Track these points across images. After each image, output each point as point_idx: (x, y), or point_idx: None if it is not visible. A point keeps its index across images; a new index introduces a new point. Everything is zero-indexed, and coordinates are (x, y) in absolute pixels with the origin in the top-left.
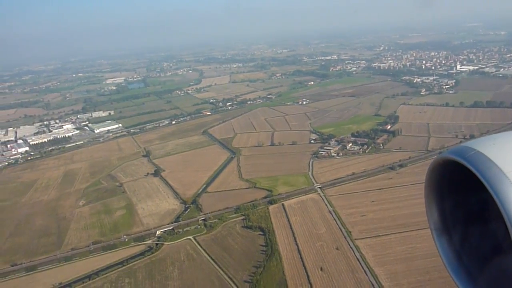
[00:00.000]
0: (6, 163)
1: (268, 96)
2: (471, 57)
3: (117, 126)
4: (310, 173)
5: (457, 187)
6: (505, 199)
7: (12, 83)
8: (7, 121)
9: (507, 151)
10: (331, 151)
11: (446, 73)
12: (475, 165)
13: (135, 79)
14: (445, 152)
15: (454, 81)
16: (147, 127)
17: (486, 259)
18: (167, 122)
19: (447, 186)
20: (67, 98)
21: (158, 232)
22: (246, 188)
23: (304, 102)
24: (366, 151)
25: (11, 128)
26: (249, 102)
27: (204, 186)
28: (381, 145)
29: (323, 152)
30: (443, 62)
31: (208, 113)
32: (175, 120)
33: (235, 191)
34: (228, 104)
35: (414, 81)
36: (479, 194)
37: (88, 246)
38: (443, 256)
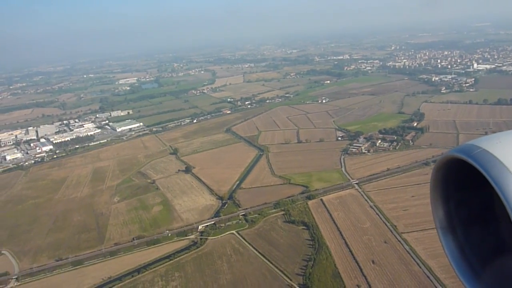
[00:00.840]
0: (33, 161)
1: (286, 95)
2: (486, 56)
3: (138, 125)
4: (343, 169)
5: (462, 185)
6: (511, 197)
7: (24, 84)
8: (26, 121)
9: None
10: (361, 147)
11: (463, 71)
12: (480, 163)
13: (147, 79)
14: (450, 150)
15: (473, 79)
16: (169, 125)
17: (491, 257)
18: (188, 120)
19: (453, 184)
20: (82, 98)
21: (200, 227)
22: (281, 184)
23: (324, 101)
24: (396, 148)
25: (31, 128)
26: (268, 101)
27: (238, 182)
28: (410, 141)
29: (353, 149)
30: (459, 61)
31: (228, 112)
32: (196, 118)
33: (269, 187)
34: (246, 103)
35: (433, 80)
36: (485, 192)
37: (131, 241)
38: (449, 255)
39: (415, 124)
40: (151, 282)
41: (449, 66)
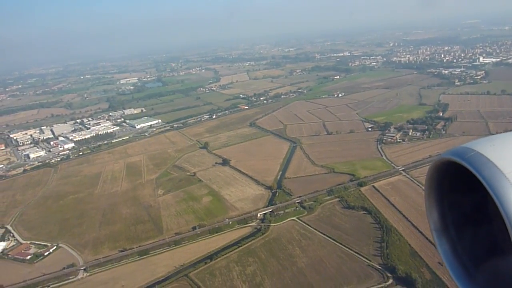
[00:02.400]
0: (59, 158)
1: (299, 91)
2: (488, 50)
3: (156, 121)
4: (384, 157)
5: (457, 188)
6: (505, 199)
7: (20, 86)
8: (35, 121)
9: (507, 152)
10: (395, 137)
11: (470, 65)
12: (474, 166)
13: (148, 78)
14: (445, 153)
15: (483, 72)
16: (189, 121)
17: (484, 258)
18: (207, 116)
19: (447, 186)
20: (87, 98)
21: (259, 215)
22: (325, 173)
23: (340, 95)
24: (430, 137)
25: (44, 127)
26: (282, 96)
27: (281, 173)
28: (442, 130)
29: (388, 139)
30: (462, 55)
31: (245, 107)
32: (215, 114)
33: (315, 176)
34: (262, 98)
35: (443, 73)
36: (479, 195)
37: (192, 230)
38: (443, 256)
39: (441, 114)
40: (227, 267)
41: (454, 60)
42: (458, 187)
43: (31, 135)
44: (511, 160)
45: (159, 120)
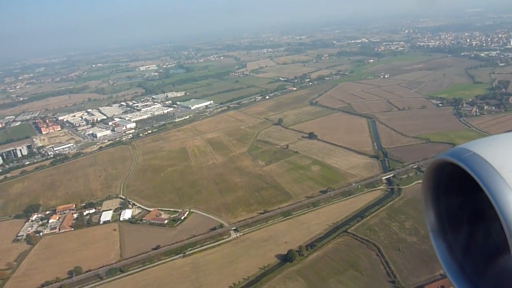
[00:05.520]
0: (129, 137)
1: (340, 73)
2: (511, 35)
3: (209, 102)
4: (473, 128)
5: (454, 188)
6: (501, 200)
7: (32, 75)
8: (74, 104)
9: (503, 152)
10: (473, 110)
11: (502, 48)
12: (471, 167)
13: (168, 65)
14: (442, 153)
15: None
16: (243, 102)
17: (482, 260)
18: (259, 97)
19: (444, 187)
20: (114, 84)
21: (383, 179)
22: (422, 143)
23: (386, 76)
24: (506, 109)
25: (90, 110)
26: (326, 78)
27: (375, 144)
28: None
29: (466, 112)
30: (488, 39)
31: (294, 89)
32: (267, 95)
33: (412, 145)
34: (307, 80)
35: (481, 55)
36: (476, 196)
37: (324, 194)
38: (440, 257)
39: (504, 90)
40: (383, 223)
41: (484, 44)
42: (455, 187)
43: (81, 117)
44: (507, 161)
45: (211, 101)
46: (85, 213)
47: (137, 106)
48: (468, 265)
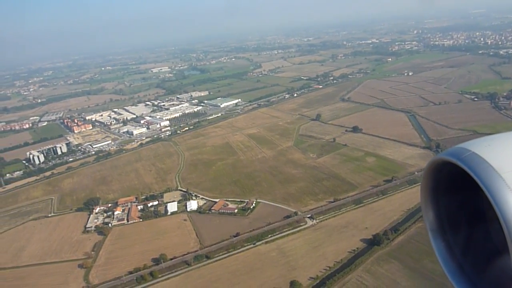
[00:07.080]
0: (168, 133)
1: (362, 71)
2: None
3: (237, 101)
4: None
5: (453, 188)
6: (500, 199)
7: (41, 78)
8: (96, 105)
9: (502, 152)
10: (510, 104)
11: None
12: (470, 166)
13: (181, 67)
14: (441, 153)
15: None
16: (271, 100)
17: (481, 259)
18: (287, 95)
19: (443, 187)
20: (131, 85)
21: None
22: (470, 134)
23: (410, 73)
24: None
25: (116, 109)
26: (349, 76)
27: (422, 135)
28: None
29: (505, 105)
30: (502, 38)
31: (319, 87)
32: (295, 93)
33: (461, 137)
34: (331, 78)
35: (501, 53)
36: (475, 195)
37: (389, 183)
38: (439, 256)
39: None
40: None
41: (500, 43)
42: (454, 187)
43: (109, 116)
44: (506, 161)
45: (239, 100)
46: (149, 205)
47: (163, 105)
48: (467, 264)
